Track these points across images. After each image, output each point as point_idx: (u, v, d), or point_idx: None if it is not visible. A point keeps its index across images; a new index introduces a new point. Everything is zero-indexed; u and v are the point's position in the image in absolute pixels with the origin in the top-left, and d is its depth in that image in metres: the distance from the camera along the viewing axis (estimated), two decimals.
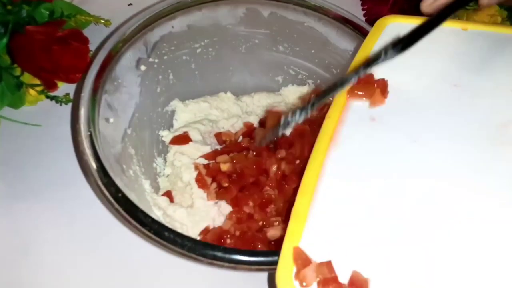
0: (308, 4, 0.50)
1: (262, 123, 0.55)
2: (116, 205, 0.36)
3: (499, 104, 0.35)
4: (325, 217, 0.30)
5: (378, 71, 0.37)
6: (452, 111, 0.35)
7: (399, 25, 0.41)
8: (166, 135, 0.52)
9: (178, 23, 0.50)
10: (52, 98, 0.54)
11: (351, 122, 0.34)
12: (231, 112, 0.56)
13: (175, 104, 0.54)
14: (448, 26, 0.40)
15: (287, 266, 0.29)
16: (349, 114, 0.35)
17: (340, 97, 0.36)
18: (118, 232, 0.46)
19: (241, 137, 0.53)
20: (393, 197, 0.31)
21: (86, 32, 0.55)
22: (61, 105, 0.55)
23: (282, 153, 0.49)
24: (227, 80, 0.57)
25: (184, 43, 0.52)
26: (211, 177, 0.49)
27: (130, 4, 0.66)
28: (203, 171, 0.49)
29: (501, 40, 0.40)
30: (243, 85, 0.58)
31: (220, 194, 0.48)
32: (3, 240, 0.46)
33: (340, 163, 0.32)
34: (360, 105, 0.35)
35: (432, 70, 0.38)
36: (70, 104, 0.55)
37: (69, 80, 0.53)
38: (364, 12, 0.68)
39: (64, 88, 0.56)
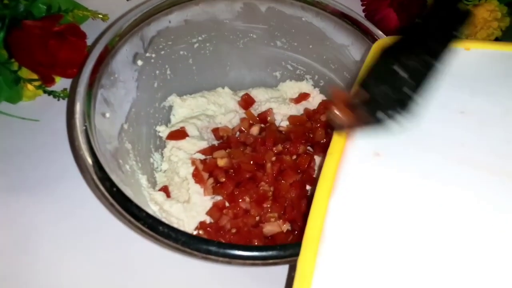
0: None
1: (261, 118, 0.55)
2: (111, 200, 0.36)
3: (511, 132, 0.32)
4: (333, 269, 0.27)
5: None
6: (461, 141, 0.32)
7: None
8: (163, 130, 0.52)
9: (175, 18, 0.50)
10: (50, 93, 0.54)
11: (353, 159, 0.31)
12: (229, 107, 0.56)
13: (173, 99, 0.54)
14: None
15: None
16: (351, 149, 0.32)
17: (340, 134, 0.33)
18: (114, 227, 0.46)
19: (238, 133, 0.53)
20: (406, 243, 0.28)
21: (84, 27, 0.55)
22: (58, 100, 0.55)
23: (278, 148, 0.49)
24: (225, 75, 0.57)
25: (181, 38, 0.52)
26: (207, 172, 0.49)
27: None
28: (200, 166, 0.49)
29: (506, 59, 0.37)
30: (240, 80, 0.58)
31: (217, 189, 0.48)
32: (0, 235, 0.46)
33: (344, 208, 0.29)
34: (362, 138, 0.32)
35: (435, 96, 0.34)
36: (67, 99, 0.55)
37: (66, 75, 0.53)
38: (364, 7, 0.68)
39: (62, 83, 0.56)
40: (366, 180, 0.31)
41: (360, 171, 0.31)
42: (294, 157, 0.49)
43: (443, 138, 0.33)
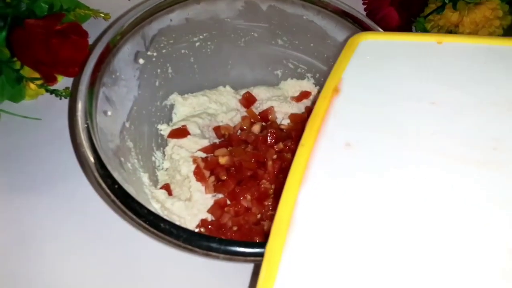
0: None
1: (262, 116, 0.55)
2: (113, 197, 0.36)
3: (483, 120, 0.33)
4: (300, 257, 0.28)
5: (350, 92, 0.35)
6: (433, 131, 0.32)
7: (372, 42, 0.40)
8: (165, 129, 0.52)
9: (176, 17, 0.50)
10: (52, 91, 0.54)
11: (325, 150, 0.32)
12: (230, 105, 0.56)
13: (174, 97, 0.54)
14: (422, 41, 0.39)
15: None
16: (323, 140, 0.32)
17: (314, 122, 0.34)
18: (115, 225, 0.46)
19: (239, 131, 0.53)
20: (374, 234, 0.28)
21: (86, 25, 0.55)
22: (60, 99, 0.55)
23: (280, 146, 0.49)
24: (226, 73, 0.57)
25: (183, 37, 0.52)
26: (209, 170, 0.49)
27: None
28: (201, 165, 0.49)
29: (479, 52, 0.37)
30: (242, 78, 0.58)
31: (218, 187, 0.48)
32: (1, 233, 0.47)
33: (314, 198, 0.30)
34: (334, 129, 0.33)
35: (407, 89, 0.35)
36: (69, 98, 0.56)
37: (68, 74, 0.53)
38: (365, 6, 0.68)
39: (64, 82, 0.56)
40: (337, 170, 0.31)
41: (331, 161, 0.31)
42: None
43: (414, 128, 0.33)
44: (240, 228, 0.45)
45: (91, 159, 0.37)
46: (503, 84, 0.35)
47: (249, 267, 0.45)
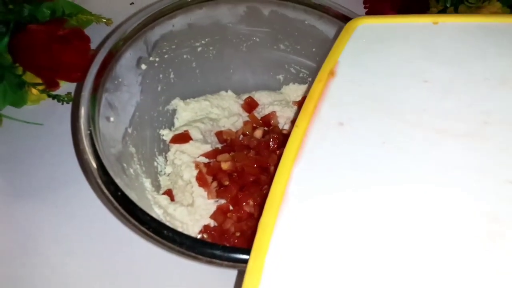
0: (309, 2, 0.50)
1: (264, 121, 0.55)
2: (116, 204, 0.36)
3: (475, 95, 0.33)
4: (292, 231, 0.28)
5: (345, 74, 0.35)
6: (424, 107, 0.33)
7: (370, 25, 0.40)
8: (167, 134, 0.52)
9: (178, 22, 0.50)
10: (54, 97, 0.54)
11: (318, 130, 0.33)
12: (232, 110, 0.56)
13: (176, 102, 0.54)
14: (418, 22, 0.39)
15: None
16: (317, 121, 0.33)
17: (308, 104, 0.34)
18: (118, 231, 0.46)
19: (241, 136, 0.53)
20: (364, 208, 0.29)
21: (88, 31, 0.55)
22: (62, 104, 0.55)
23: (282, 151, 0.49)
24: (228, 78, 0.57)
25: (185, 42, 0.52)
26: (211, 176, 0.49)
27: (132, 3, 0.66)
28: (204, 170, 0.49)
29: (473, 30, 0.38)
30: (244, 83, 0.58)
31: (221, 192, 0.48)
32: (4, 238, 0.47)
33: (307, 175, 0.30)
34: (328, 110, 0.34)
35: (399, 68, 0.36)
36: (71, 103, 0.56)
37: (70, 79, 0.53)
38: (366, 10, 0.68)
39: (66, 87, 0.56)
40: (329, 148, 0.32)
41: (324, 140, 0.32)
42: None
43: (405, 105, 0.33)
44: (243, 234, 0.45)
45: (94, 165, 0.37)
46: (496, 60, 0.36)
47: None
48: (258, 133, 0.53)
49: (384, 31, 0.40)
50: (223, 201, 0.48)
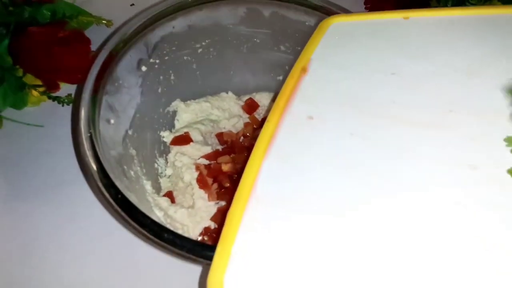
0: (310, 4, 0.50)
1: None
2: (116, 207, 0.36)
3: (442, 87, 0.34)
4: (259, 221, 0.29)
5: (316, 71, 0.36)
6: (392, 100, 0.34)
7: (343, 23, 0.41)
8: (167, 136, 0.52)
9: (178, 24, 0.50)
10: (54, 98, 0.54)
11: (288, 124, 0.33)
12: (232, 112, 0.56)
13: (177, 104, 0.54)
14: (389, 18, 0.40)
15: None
16: (288, 116, 0.34)
17: (280, 100, 0.35)
18: (118, 234, 0.46)
19: (242, 137, 0.53)
20: (333, 199, 0.29)
21: (88, 32, 0.55)
22: (63, 105, 0.55)
23: None
24: (229, 80, 0.57)
25: (185, 43, 0.52)
26: (212, 178, 0.49)
27: (132, 4, 0.66)
28: (204, 172, 0.49)
29: (442, 23, 0.39)
30: (244, 85, 0.58)
31: (221, 194, 0.48)
32: (4, 240, 0.47)
33: (276, 169, 0.31)
34: (298, 105, 0.34)
35: (369, 63, 0.36)
36: (72, 105, 0.56)
37: (70, 81, 0.53)
38: (367, 10, 0.68)
39: (66, 89, 0.56)
40: (299, 142, 0.32)
41: (294, 134, 0.33)
42: None
43: (374, 98, 0.34)
44: None
45: (94, 168, 0.37)
46: (464, 51, 0.36)
47: None
48: None
49: (356, 28, 0.40)
50: (223, 203, 0.48)
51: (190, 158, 0.50)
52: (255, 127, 0.54)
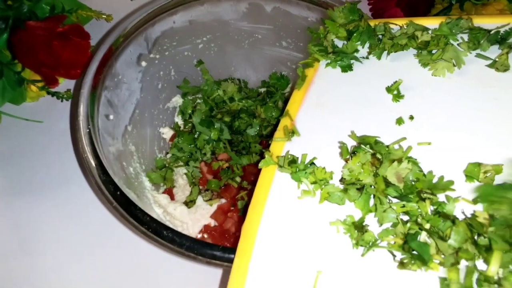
0: None
1: None
2: (115, 203, 0.35)
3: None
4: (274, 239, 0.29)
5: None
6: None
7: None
8: (167, 132, 0.52)
9: (179, 18, 0.49)
10: (53, 94, 0.54)
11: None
12: None
13: (177, 100, 0.54)
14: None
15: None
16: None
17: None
18: (116, 230, 0.46)
19: None
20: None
21: (87, 27, 0.54)
22: (62, 101, 0.55)
23: None
24: (230, 75, 0.56)
25: (186, 39, 0.51)
26: (212, 175, 0.48)
27: None
28: (205, 169, 0.48)
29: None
30: (246, 80, 0.57)
31: (221, 192, 0.47)
32: (2, 235, 0.46)
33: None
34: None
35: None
36: (71, 100, 0.55)
37: (70, 76, 0.52)
38: (370, 6, 0.67)
39: (65, 84, 0.56)
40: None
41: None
42: None
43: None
44: None
45: (93, 164, 0.37)
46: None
47: None
48: None
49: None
50: (223, 201, 0.47)
51: None
52: None
